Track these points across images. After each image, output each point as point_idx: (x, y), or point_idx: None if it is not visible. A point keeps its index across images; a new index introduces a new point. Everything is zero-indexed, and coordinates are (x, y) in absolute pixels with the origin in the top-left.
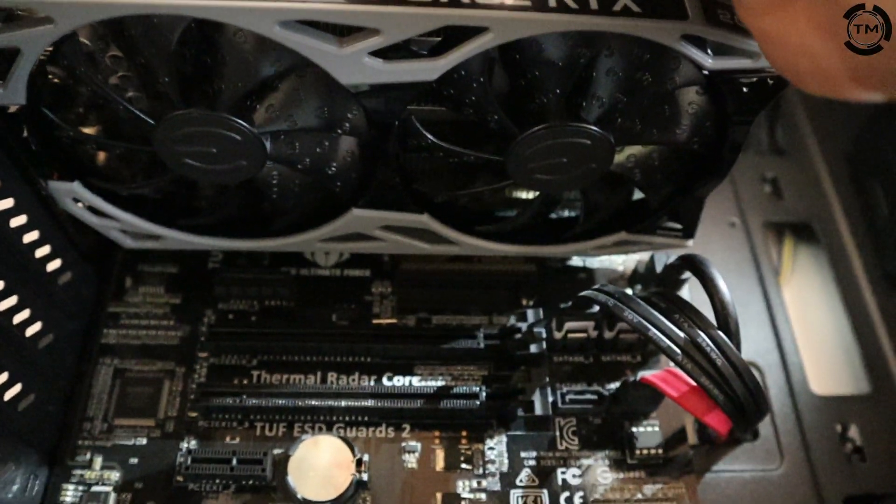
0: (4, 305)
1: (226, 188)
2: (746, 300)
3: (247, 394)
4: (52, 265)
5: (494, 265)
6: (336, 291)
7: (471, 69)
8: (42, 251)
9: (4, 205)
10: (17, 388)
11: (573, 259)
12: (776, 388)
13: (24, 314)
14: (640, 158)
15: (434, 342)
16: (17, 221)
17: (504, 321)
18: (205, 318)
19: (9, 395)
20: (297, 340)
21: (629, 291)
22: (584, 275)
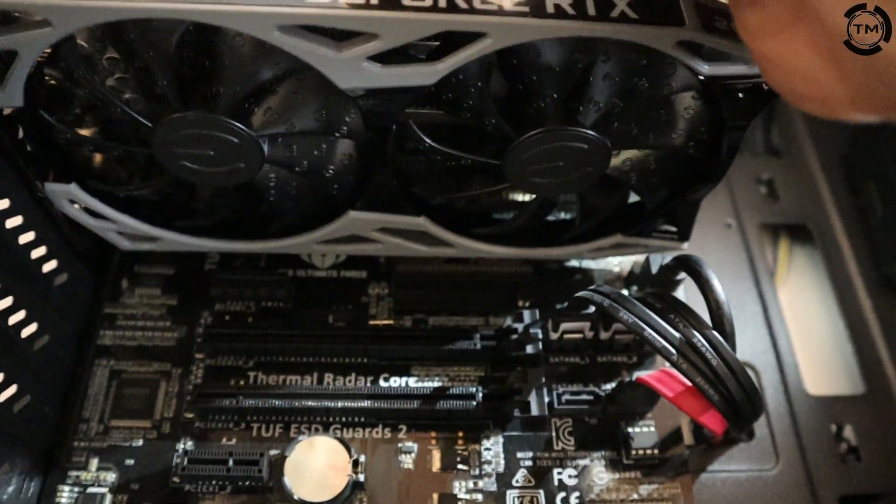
0: (0, 307)
1: (223, 190)
2: (742, 301)
3: (243, 395)
4: (48, 266)
5: (491, 267)
6: (332, 293)
7: (469, 74)
8: (38, 252)
9: (0, 206)
10: (13, 390)
11: (569, 260)
12: (771, 389)
13: (20, 315)
14: (637, 162)
15: (430, 343)
16: (14, 223)
17: (500, 322)
18: (201, 320)
19: (4, 397)
20: (294, 341)
21: (625, 292)
22: (580, 276)
